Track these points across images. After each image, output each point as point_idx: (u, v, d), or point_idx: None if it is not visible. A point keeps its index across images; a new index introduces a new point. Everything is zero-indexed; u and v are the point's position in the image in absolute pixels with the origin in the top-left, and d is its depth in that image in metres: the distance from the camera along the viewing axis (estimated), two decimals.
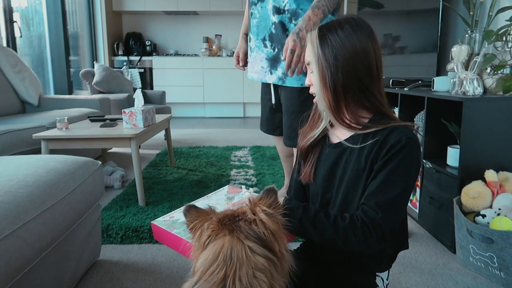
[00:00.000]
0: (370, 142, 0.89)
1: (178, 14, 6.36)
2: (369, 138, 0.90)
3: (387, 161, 0.86)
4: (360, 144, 0.91)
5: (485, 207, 1.59)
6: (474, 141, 1.68)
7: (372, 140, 0.89)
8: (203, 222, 0.73)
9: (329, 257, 0.99)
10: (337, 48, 0.90)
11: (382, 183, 0.85)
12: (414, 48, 2.46)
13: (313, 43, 0.93)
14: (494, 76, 1.72)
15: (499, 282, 1.50)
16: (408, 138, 0.86)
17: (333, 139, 1.01)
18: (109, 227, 1.94)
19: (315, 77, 0.93)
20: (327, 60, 0.90)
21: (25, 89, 3.20)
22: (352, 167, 0.92)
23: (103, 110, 3.50)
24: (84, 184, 1.38)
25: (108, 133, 2.24)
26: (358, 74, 0.90)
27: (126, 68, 5.21)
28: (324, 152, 1.01)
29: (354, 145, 0.92)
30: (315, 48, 0.92)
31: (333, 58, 0.89)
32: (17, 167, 1.27)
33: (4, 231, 0.94)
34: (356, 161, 0.91)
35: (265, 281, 0.64)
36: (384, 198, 0.84)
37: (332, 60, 0.89)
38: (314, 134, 1.01)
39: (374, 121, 0.92)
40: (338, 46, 0.90)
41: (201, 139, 4.42)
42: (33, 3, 4.28)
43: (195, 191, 2.54)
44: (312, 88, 0.98)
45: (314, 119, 1.04)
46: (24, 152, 2.36)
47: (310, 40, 0.94)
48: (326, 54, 0.90)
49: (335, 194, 0.95)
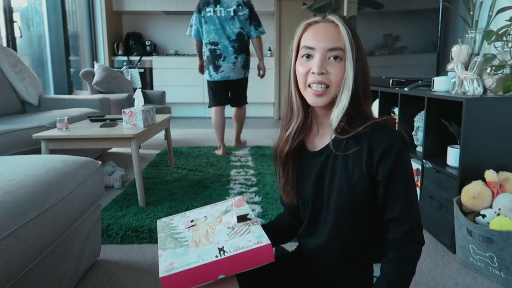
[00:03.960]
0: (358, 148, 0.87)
1: (178, 14, 6.36)
2: (351, 142, 0.88)
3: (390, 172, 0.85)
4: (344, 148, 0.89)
5: (485, 207, 1.59)
6: (474, 141, 1.68)
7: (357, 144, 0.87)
8: None
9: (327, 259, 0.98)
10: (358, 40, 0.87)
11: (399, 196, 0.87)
12: (414, 48, 2.46)
13: (344, 28, 0.86)
14: (494, 76, 1.72)
15: (499, 282, 1.50)
16: (398, 140, 0.85)
17: (311, 146, 0.98)
18: (109, 227, 1.94)
19: (346, 65, 0.86)
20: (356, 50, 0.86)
21: (25, 89, 3.20)
22: (341, 174, 0.90)
23: (103, 110, 3.50)
24: (84, 184, 1.38)
25: (108, 133, 2.24)
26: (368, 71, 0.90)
27: (126, 68, 5.21)
28: (306, 162, 0.98)
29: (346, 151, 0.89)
30: (349, 34, 0.86)
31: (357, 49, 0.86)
32: (17, 167, 1.27)
33: (4, 231, 0.94)
34: (344, 167, 0.89)
35: None
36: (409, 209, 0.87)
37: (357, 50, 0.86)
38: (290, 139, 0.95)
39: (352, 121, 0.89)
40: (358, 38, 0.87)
41: (201, 139, 4.42)
42: (33, 3, 4.28)
43: (195, 191, 2.54)
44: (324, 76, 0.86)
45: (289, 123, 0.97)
46: (24, 152, 2.36)
47: (339, 23, 0.87)
48: (358, 43, 0.87)
49: (327, 202, 0.93)
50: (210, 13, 3.30)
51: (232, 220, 1.01)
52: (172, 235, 1.03)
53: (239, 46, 3.38)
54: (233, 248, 0.88)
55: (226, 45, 3.34)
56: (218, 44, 3.35)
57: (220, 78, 3.45)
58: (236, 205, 1.08)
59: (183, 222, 1.09)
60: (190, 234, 1.01)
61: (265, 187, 2.61)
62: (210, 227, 1.01)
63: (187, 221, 1.08)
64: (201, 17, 3.34)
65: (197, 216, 1.10)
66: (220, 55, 3.37)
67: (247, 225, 0.96)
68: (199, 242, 0.95)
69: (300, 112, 0.94)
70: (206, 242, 0.94)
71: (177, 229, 1.05)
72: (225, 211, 1.08)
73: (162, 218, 1.15)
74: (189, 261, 0.88)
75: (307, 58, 0.89)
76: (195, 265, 0.87)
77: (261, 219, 2.07)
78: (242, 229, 0.95)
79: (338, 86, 0.87)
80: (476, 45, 1.87)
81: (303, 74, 0.89)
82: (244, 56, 3.45)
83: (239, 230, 0.96)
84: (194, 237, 0.98)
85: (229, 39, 3.34)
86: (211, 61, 3.42)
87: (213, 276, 0.87)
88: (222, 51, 3.37)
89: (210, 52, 3.39)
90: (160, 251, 0.96)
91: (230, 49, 3.36)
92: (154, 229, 1.91)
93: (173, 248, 0.96)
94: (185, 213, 1.15)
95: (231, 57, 3.38)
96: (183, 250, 0.94)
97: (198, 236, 0.98)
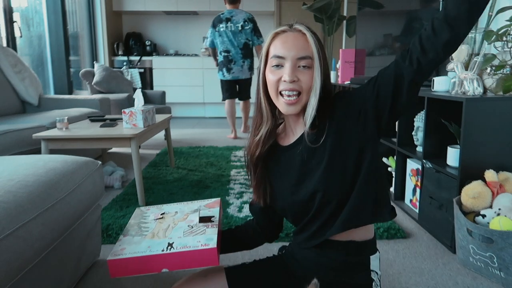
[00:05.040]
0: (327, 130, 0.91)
1: (178, 14, 6.37)
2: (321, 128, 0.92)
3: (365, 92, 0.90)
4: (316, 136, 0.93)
5: (485, 207, 1.59)
6: (474, 141, 1.68)
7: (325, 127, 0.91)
8: None
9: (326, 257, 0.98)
10: (323, 48, 0.93)
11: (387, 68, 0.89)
12: None
13: (311, 37, 0.91)
14: (494, 76, 1.72)
15: (499, 282, 1.50)
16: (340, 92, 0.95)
17: (284, 141, 1.01)
18: (109, 227, 1.94)
19: (314, 72, 0.90)
20: (323, 57, 0.91)
21: (25, 89, 3.20)
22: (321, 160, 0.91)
23: (103, 110, 3.50)
24: (84, 184, 1.38)
25: (108, 133, 2.24)
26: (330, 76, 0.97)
27: (126, 68, 5.21)
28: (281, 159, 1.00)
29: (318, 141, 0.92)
30: (315, 42, 0.91)
31: (323, 57, 0.92)
32: (17, 167, 1.27)
33: (4, 231, 0.94)
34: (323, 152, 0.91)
35: None
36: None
37: (323, 58, 0.92)
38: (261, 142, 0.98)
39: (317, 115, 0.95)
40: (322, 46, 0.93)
41: (201, 139, 4.42)
42: (33, 3, 4.28)
43: (195, 191, 2.54)
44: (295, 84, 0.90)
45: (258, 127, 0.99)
46: (24, 152, 2.36)
47: (306, 33, 0.91)
48: (320, 52, 0.91)
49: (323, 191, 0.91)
50: (223, 28, 4.22)
51: (196, 219, 1.05)
52: (139, 224, 1.08)
53: (246, 53, 4.29)
54: (181, 246, 0.92)
55: (236, 52, 4.26)
56: (230, 52, 4.25)
57: (231, 78, 4.33)
58: (209, 206, 1.12)
59: (155, 213, 1.13)
60: (153, 225, 1.05)
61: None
62: (174, 222, 1.06)
63: (158, 213, 1.12)
64: (215, 32, 4.27)
65: (169, 210, 1.14)
66: (231, 60, 4.27)
67: (205, 227, 1.00)
68: (156, 234, 1.00)
69: (269, 117, 0.98)
70: (162, 236, 0.99)
71: (146, 219, 1.10)
72: (194, 210, 1.12)
73: (142, 207, 1.19)
74: (138, 250, 0.93)
75: (277, 67, 0.91)
76: (141, 255, 0.92)
77: None
78: (199, 229, 0.99)
79: (308, 92, 0.91)
80: (476, 45, 1.87)
81: (274, 82, 0.92)
82: (250, 61, 4.36)
83: (196, 229, 1.00)
84: (155, 229, 1.03)
85: (238, 48, 4.24)
86: (225, 64, 4.30)
87: (156, 268, 0.92)
88: (233, 57, 4.27)
89: (224, 58, 4.28)
90: (121, 236, 1.01)
91: (239, 55, 4.26)
92: None
93: (132, 236, 1.01)
94: (162, 206, 1.19)
95: (240, 61, 4.28)
96: (139, 239, 0.99)
97: (159, 228, 1.03)
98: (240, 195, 2.46)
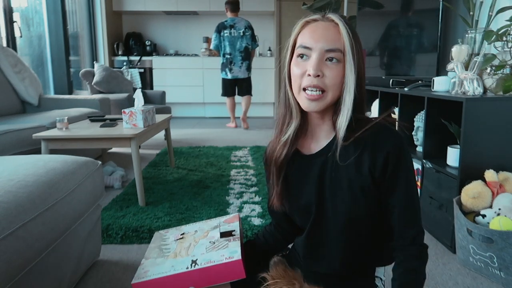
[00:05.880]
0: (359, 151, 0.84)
1: (178, 14, 6.37)
2: (351, 144, 0.84)
3: (393, 172, 0.83)
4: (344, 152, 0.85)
5: (485, 207, 1.59)
6: (474, 141, 1.68)
7: (357, 147, 0.84)
8: (284, 285, 0.67)
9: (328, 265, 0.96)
10: (358, 41, 0.83)
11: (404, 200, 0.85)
12: (414, 48, 2.46)
13: (344, 28, 0.81)
14: (494, 76, 1.72)
15: (499, 282, 1.50)
16: (399, 141, 0.84)
17: (305, 150, 0.92)
18: (109, 227, 1.94)
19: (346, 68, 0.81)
20: (356, 52, 0.81)
21: (25, 89, 3.20)
22: (342, 177, 0.86)
23: (103, 110, 3.50)
24: (84, 184, 1.38)
25: (108, 133, 2.24)
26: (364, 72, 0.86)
27: (126, 68, 5.21)
28: (300, 167, 0.92)
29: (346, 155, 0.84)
30: (350, 35, 0.81)
31: (357, 51, 0.82)
32: (17, 167, 1.27)
33: (4, 231, 0.94)
34: (345, 170, 0.85)
35: None
36: (414, 213, 0.86)
37: (357, 52, 0.82)
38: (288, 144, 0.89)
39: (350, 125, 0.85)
40: (358, 38, 0.83)
41: (201, 139, 4.42)
42: (33, 3, 4.28)
43: (195, 191, 2.54)
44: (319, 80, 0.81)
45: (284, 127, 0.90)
46: (24, 152, 2.35)
47: (339, 23, 0.82)
48: (354, 45, 0.81)
49: (330, 207, 0.89)
50: (227, 34, 4.91)
51: (217, 235, 1.03)
52: (160, 246, 1.06)
53: (245, 56, 4.98)
54: (205, 262, 0.90)
55: (236, 55, 4.96)
56: (231, 54, 4.96)
57: (232, 77, 5.03)
58: (228, 221, 1.10)
59: (175, 234, 1.12)
60: (175, 245, 1.04)
61: (265, 187, 2.61)
62: (195, 240, 1.04)
63: (178, 234, 1.11)
64: (220, 37, 4.95)
65: (189, 230, 1.13)
66: (232, 62, 4.97)
67: (227, 241, 0.98)
68: (178, 253, 0.98)
69: (298, 114, 0.88)
70: (184, 254, 0.97)
71: (166, 241, 1.09)
72: (214, 227, 1.10)
73: (160, 230, 1.18)
74: (162, 271, 0.92)
75: (302, 58, 0.83)
76: (166, 275, 0.90)
77: (261, 219, 2.07)
78: (221, 244, 0.98)
79: (334, 90, 0.82)
80: (476, 45, 1.87)
81: (298, 76, 0.83)
82: (248, 62, 5.04)
83: (218, 244, 0.98)
84: (177, 249, 1.01)
85: (238, 51, 4.95)
86: (226, 65, 4.99)
87: (182, 286, 0.90)
88: (233, 59, 4.97)
89: (226, 59, 4.98)
90: (143, 260, 1.00)
91: (239, 58, 4.96)
92: (154, 229, 1.91)
93: (154, 258, 0.99)
94: (181, 227, 1.18)
95: (239, 63, 4.98)
96: (161, 260, 0.97)
97: (181, 248, 1.02)
98: (240, 195, 2.46)
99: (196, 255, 0.94)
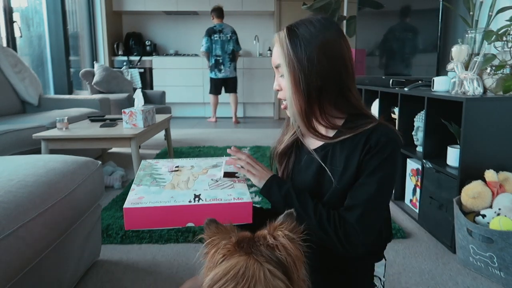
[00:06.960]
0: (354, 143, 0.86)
1: (178, 14, 6.37)
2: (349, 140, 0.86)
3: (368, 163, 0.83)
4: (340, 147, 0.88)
5: (485, 207, 1.59)
6: (474, 141, 1.68)
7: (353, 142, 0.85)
8: (221, 240, 0.67)
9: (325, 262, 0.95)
10: (311, 46, 0.81)
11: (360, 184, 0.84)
12: (414, 48, 2.46)
13: (282, 43, 0.84)
14: (494, 76, 1.72)
15: (499, 282, 1.50)
16: (388, 138, 0.83)
17: (309, 144, 0.96)
18: (109, 227, 1.94)
19: (285, 81, 0.86)
20: (300, 60, 0.82)
21: (25, 89, 3.20)
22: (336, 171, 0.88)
23: (103, 110, 3.50)
24: (84, 184, 1.38)
25: (108, 133, 2.24)
26: (337, 73, 0.84)
27: (126, 68, 5.21)
28: (303, 159, 0.96)
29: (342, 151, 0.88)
30: (285, 49, 0.84)
31: (306, 58, 0.81)
32: (17, 167, 1.27)
33: (4, 231, 0.94)
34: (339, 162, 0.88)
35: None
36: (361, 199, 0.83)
37: (305, 60, 0.82)
38: (285, 140, 0.98)
39: (349, 122, 0.88)
40: (312, 43, 0.81)
41: (201, 139, 4.42)
42: (33, 3, 4.28)
43: None
44: (280, 93, 0.90)
45: (288, 124, 1.00)
46: (24, 152, 2.35)
47: (278, 40, 0.86)
48: (298, 54, 0.82)
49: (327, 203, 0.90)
50: (216, 38, 5.46)
51: (219, 174, 0.97)
52: (152, 174, 0.99)
53: (232, 57, 5.56)
54: (210, 198, 0.84)
55: (225, 57, 5.50)
56: (221, 56, 5.49)
57: (221, 77, 5.55)
58: (228, 163, 1.01)
59: (168, 166, 1.05)
60: (170, 177, 0.97)
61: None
62: (193, 175, 0.97)
63: (172, 166, 1.04)
64: (210, 40, 5.44)
65: (184, 164, 1.06)
66: (222, 63, 5.50)
67: (232, 181, 0.92)
68: (176, 185, 0.91)
69: None
70: (184, 187, 0.90)
71: (159, 171, 1.02)
72: (214, 165, 1.05)
73: (148, 160, 1.12)
74: (160, 200, 0.84)
75: None
76: (165, 205, 0.82)
77: None
78: (225, 184, 0.91)
79: (293, 100, 0.86)
80: (476, 45, 1.87)
81: None
82: (234, 63, 5.63)
83: (223, 184, 0.92)
84: (173, 180, 0.94)
85: (227, 53, 5.50)
86: (216, 66, 5.51)
87: (181, 221, 0.83)
88: (223, 60, 5.49)
89: (215, 61, 5.50)
90: (134, 186, 0.92)
91: (227, 59, 5.51)
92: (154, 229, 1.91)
93: (147, 186, 0.92)
94: (173, 160, 1.12)
95: (227, 63, 5.52)
96: (157, 189, 0.90)
97: (178, 180, 0.94)
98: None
99: (198, 190, 0.88)
